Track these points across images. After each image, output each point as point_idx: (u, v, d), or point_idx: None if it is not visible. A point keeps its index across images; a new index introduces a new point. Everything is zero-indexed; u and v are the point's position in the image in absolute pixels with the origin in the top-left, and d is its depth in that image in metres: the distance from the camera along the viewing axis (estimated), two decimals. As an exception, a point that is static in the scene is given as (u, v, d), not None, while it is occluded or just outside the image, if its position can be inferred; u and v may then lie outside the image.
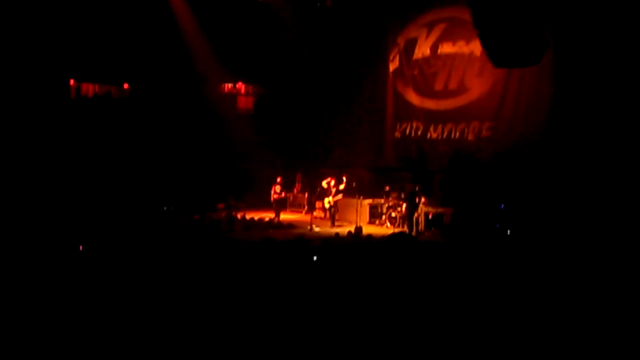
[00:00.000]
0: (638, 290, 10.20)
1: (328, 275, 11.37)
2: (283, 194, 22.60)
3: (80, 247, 12.76)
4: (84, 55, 22.02)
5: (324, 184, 21.61)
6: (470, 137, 22.27)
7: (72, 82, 22.71)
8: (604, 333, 8.23)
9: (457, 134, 22.74)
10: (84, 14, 21.48)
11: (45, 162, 20.29)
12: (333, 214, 21.38)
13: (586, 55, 18.33)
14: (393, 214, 21.05)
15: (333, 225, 20.92)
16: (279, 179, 22.51)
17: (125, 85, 23.92)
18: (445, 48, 23.04)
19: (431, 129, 23.56)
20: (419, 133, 23.99)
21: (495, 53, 15.02)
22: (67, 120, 21.82)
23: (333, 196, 21.31)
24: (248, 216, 21.66)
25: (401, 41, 24.63)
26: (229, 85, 26.60)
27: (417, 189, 20.07)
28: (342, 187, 21.46)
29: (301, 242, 14.96)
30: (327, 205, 21.25)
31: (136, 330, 8.23)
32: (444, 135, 23.17)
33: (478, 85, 22.07)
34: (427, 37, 23.67)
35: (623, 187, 16.78)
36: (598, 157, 17.67)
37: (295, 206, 24.64)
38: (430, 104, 23.69)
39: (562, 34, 18.61)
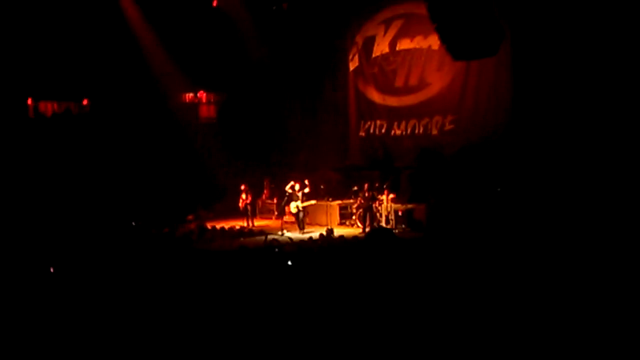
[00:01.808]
0: (611, 275, 10.39)
1: (304, 279, 11.32)
2: (249, 199, 22.43)
3: (51, 269, 12.51)
4: (41, 73, 21.63)
5: (288, 188, 21.14)
6: (434, 131, 22.42)
7: (29, 101, 22.31)
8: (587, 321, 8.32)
9: (421, 130, 22.87)
10: (38, 31, 21.11)
11: (7, 184, 19.90)
12: (302, 218, 20.87)
13: (544, 44, 18.58)
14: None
15: (302, 230, 20.60)
16: (242, 187, 22.40)
17: (85, 101, 23.58)
18: (404, 44, 23.16)
19: (395, 125, 23.66)
20: (383, 130, 24.09)
21: (453, 46, 15.11)
22: (26, 140, 21.42)
23: (301, 200, 20.86)
24: (218, 225, 21.50)
25: (359, 40, 24.70)
26: (190, 95, 26.37)
27: (366, 186, 20.24)
28: (306, 190, 21.04)
29: (275, 249, 14.91)
30: (294, 210, 20.86)
31: (115, 346, 8.10)
32: (408, 132, 23.29)
33: (438, 79, 22.23)
34: (385, 34, 23.77)
35: (586, 173, 17.03)
36: (560, 145, 17.91)
37: (265, 212, 24.51)
38: (392, 101, 23.79)
39: (519, 24, 18.84)
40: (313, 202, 21.29)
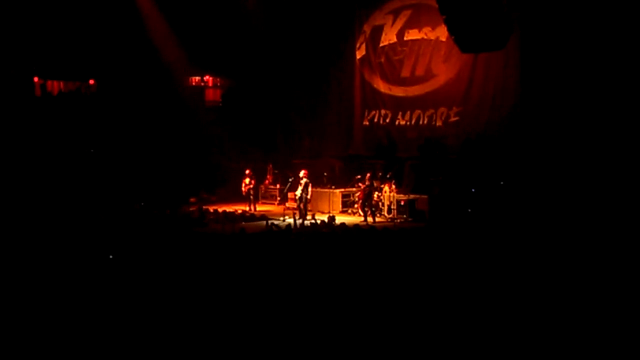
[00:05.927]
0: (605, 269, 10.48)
1: (304, 264, 11.39)
2: (253, 184, 22.44)
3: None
4: (48, 53, 21.70)
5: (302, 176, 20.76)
6: (439, 122, 22.43)
7: (36, 79, 22.37)
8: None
9: (426, 120, 22.89)
10: (46, 11, 21.16)
11: (11, 161, 19.99)
12: (303, 206, 20.27)
13: (552, 39, 18.56)
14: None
15: (305, 217, 20.03)
16: (247, 171, 22.43)
17: (91, 81, 23.63)
18: (412, 34, 23.12)
19: (399, 115, 23.67)
20: (388, 120, 24.09)
21: (461, 38, 15.13)
22: (33, 118, 21.50)
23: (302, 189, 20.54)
24: (220, 209, 21.55)
25: (367, 29, 24.65)
26: (196, 78, 26.37)
27: (368, 175, 20.15)
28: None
29: (275, 233, 14.97)
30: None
31: (117, 326, 8.18)
32: (413, 122, 23.31)
33: (445, 70, 22.22)
34: (393, 24, 23.72)
35: (591, 169, 17.07)
36: (566, 140, 17.94)
37: (268, 197, 24.54)
38: (397, 91, 23.77)
39: (528, 18, 18.81)
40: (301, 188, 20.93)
